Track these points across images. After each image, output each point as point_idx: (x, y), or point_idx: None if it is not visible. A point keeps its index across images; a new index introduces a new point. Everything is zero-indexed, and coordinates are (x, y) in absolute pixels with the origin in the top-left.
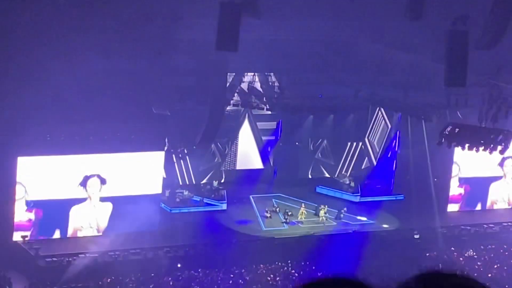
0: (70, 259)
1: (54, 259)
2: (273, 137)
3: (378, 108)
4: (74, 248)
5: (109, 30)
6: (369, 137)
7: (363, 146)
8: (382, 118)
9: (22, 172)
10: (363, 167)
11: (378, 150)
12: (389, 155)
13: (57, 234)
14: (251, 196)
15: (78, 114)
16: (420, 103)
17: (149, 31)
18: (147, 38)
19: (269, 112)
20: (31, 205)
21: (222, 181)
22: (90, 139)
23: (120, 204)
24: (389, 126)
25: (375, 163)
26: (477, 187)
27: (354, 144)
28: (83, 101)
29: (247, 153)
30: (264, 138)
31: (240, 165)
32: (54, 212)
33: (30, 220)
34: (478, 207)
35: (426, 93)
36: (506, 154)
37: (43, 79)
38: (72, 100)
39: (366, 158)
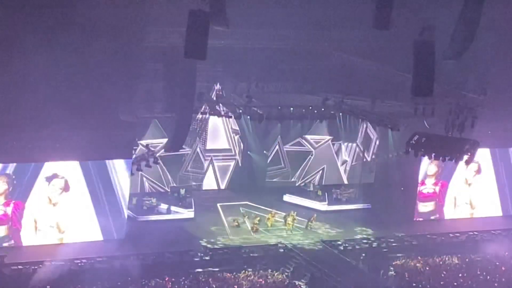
0: (36, 267)
1: (20, 267)
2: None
3: (346, 116)
4: (40, 256)
5: (76, 38)
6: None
7: None
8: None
9: None
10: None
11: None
12: (356, 164)
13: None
14: (218, 204)
15: (47, 121)
16: (387, 112)
17: (118, 37)
18: (115, 45)
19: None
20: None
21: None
22: (57, 146)
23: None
24: (358, 135)
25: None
26: None
27: None
28: (52, 108)
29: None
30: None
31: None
32: None
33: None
34: None
35: (393, 102)
36: None
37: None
38: (41, 107)
39: None
